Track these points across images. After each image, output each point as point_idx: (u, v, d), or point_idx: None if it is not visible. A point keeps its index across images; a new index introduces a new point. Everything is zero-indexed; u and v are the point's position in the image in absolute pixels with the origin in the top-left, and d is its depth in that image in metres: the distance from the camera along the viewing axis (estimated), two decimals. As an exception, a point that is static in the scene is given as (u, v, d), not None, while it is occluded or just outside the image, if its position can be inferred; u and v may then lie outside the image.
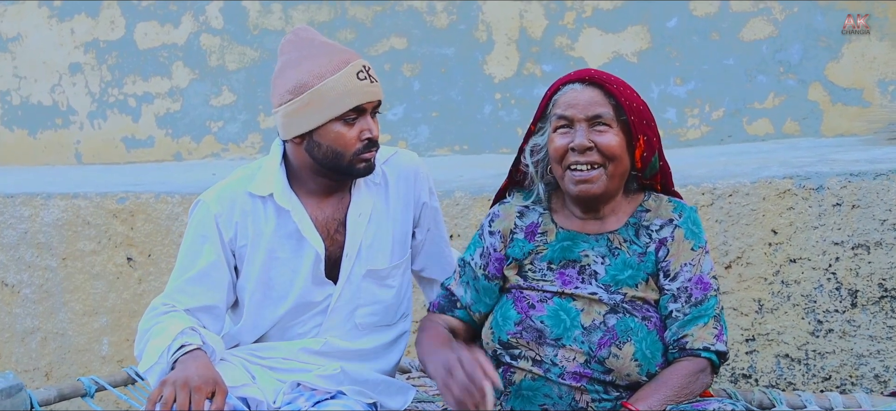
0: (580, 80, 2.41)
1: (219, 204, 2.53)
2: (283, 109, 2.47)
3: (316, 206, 2.58)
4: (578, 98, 2.38)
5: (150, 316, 2.49)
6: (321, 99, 2.42)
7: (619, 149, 2.38)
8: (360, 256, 2.60)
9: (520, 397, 2.38)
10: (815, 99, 4.46)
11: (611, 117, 2.37)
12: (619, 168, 2.40)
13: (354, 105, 2.44)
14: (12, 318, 4.51)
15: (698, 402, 2.24)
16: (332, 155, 2.48)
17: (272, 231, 2.54)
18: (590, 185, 2.38)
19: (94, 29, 5.75)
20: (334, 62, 2.43)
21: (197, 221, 2.55)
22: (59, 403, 4.24)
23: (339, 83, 2.41)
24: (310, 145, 2.49)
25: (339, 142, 2.46)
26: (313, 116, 2.44)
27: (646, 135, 2.41)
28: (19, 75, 5.97)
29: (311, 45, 2.50)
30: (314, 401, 2.52)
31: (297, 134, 2.48)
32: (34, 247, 4.43)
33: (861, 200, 3.29)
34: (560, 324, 2.36)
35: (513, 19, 4.92)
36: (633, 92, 2.43)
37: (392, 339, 2.72)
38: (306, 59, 2.45)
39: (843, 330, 3.35)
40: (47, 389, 2.86)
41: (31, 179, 5.05)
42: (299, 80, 2.43)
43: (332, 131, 2.45)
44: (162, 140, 5.68)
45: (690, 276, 2.38)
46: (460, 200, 3.77)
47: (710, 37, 4.61)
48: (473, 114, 5.05)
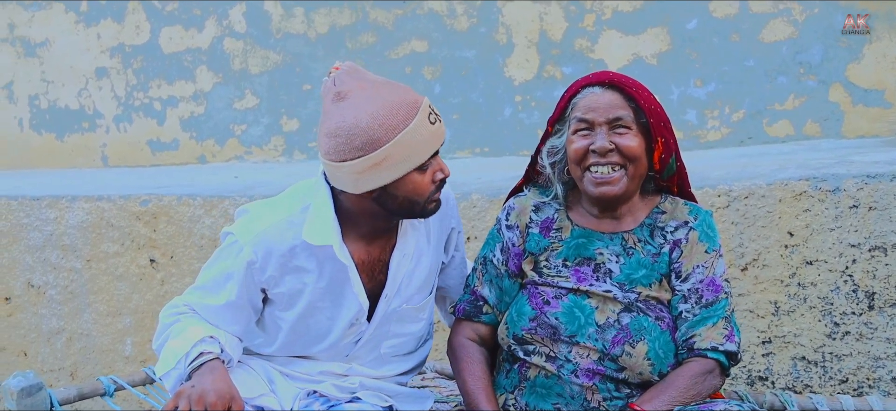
0: (599, 83, 2.43)
1: (254, 252, 2.39)
2: (349, 166, 2.26)
3: (363, 250, 2.47)
4: (599, 101, 2.41)
5: (171, 311, 2.44)
6: (398, 153, 2.25)
7: (639, 151, 2.40)
8: (398, 294, 2.54)
9: (534, 393, 2.40)
10: (835, 100, 4.44)
11: (631, 119, 2.39)
12: (639, 169, 2.42)
13: (432, 152, 2.33)
14: (38, 319, 4.58)
15: (705, 403, 2.25)
16: (409, 203, 2.36)
17: (315, 282, 2.44)
18: (610, 187, 2.40)
19: (119, 33, 5.83)
20: (404, 110, 2.26)
21: (228, 258, 2.42)
22: (83, 403, 4.32)
23: (415, 134, 2.26)
24: (382, 197, 2.34)
25: (417, 190, 2.34)
26: (390, 172, 2.28)
27: (664, 137, 2.43)
28: (47, 79, 6.06)
29: (367, 88, 2.30)
30: (329, 405, 2.54)
31: (369, 189, 2.32)
32: (59, 249, 4.50)
33: (878, 202, 3.27)
34: (574, 321, 2.37)
35: (533, 22, 4.93)
36: (650, 95, 2.45)
37: (413, 366, 2.71)
38: (368, 107, 2.25)
39: (859, 333, 3.33)
40: (67, 388, 2.92)
41: (57, 182, 5.13)
42: (369, 136, 2.23)
43: (410, 181, 2.32)
44: (186, 143, 5.74)
45: (702, 278, 2.39)
46: (477, 202, 3.79)
47: (730, 38, 4.59)
48: (494, 117, 5.06)
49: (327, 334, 2.50)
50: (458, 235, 2.72)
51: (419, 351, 2.72)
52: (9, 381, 2.76)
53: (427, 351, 2.76)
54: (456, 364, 2.53)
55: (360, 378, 2.60)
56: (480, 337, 2.56)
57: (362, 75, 2.34)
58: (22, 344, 4.63)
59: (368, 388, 2.61)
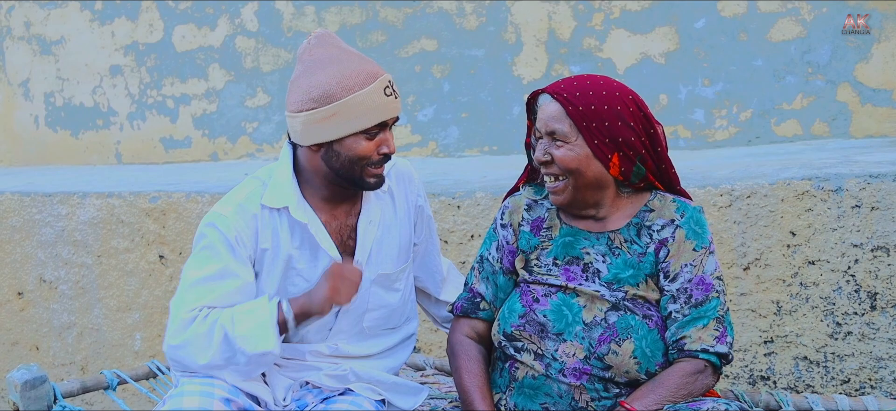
0: (550, 92, 2.44)
1: (236, 224, 2.49)
2: (304, 116, 2.44)
3: (328, 213, 2.58)
4: (544, 111, 2.43)
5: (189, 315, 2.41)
6: (348, 111, 2.41)
7: (575, 163, 2.38)
8: (371, 262, 2.62)
9: (522, 394, 2.41)
10: (843, 100, 4.43)
11: (566, 133, 2.38)
12: (585, 179, 2.40)
13: (379, 121, 2.45)
14: (50, 313, 4.64)
15: (693, 402, 2.25)
16: (349, 165, 2.47)
17: (289, 241, 2.54)
18: (557, 196, 2.45)
19: (133, 32, 5.88)
20: (362, 75, 2.43)
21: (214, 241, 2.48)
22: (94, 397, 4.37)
23: (367, 98, 2.41)
24: (328, 154, 2.48)
25: (358, 154, 2.45)
26: (337, 127, 2.43)
27: (620, 151, 2.39)
28: (62, 77, 6.12)
29: (337, 52, 2.48)
30: (322, 398, 2.57)
31: (317, 142, 2.47)
32: (71, 245, 4.56)
33: (881, 202, 3.26)
34: (562, 319, 2.39)
35: (541, 21, 4.95)
36: (600, 108, 2.38)
37: (398, 342, 2.76)
38: (332, 66, 2.44)
39: (862, 333, 3.32)
40: (70, 382, 2.96)
41: (69, 179, 5.19)
42: (326, 90, 2.41)
43: (353, 143, 2.45)
44: (199, 141, 5.79)
45: (691, 277, 2.39)
46: (481, 200, 3.81)
47: (739, 37, 4.59)
48: (503, 115, 5.08)
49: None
50: (428, 219, 2.81)
51: (403, 328, 2.77)
52: (13, 374, 2.80)
53: (412, 330, 2.81)
54: (453, 361, 2.55)
55: (351, 363, 2.64)
56: (478, 334, 2.58)
57: (334, 42, 2.52)
58: (34, 338, 4.69)
59: (362, 380, 2.63)
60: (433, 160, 5.15)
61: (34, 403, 2.79)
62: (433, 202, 3.85)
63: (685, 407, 2.23)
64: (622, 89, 2.44)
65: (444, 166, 4.75)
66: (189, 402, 2.34)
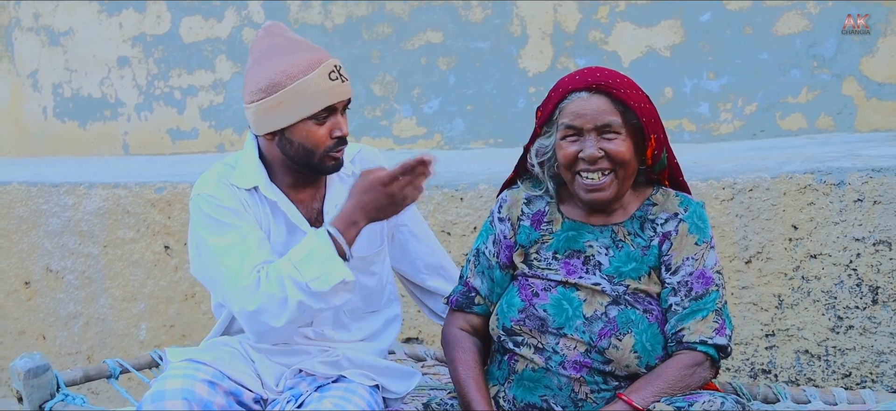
0: (586, 87, 2.39)
1: (223, 192, 2.57)
2: (255, 106, 2.51)
3: (295, 197, 2.65)
4: (586, 107, 2.38)
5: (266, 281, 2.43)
6: (294, 98, 2.47)
7: (628, 155, 2.39)
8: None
9: (521, 386, 2.42)
10: (849, 93, 4.41)
11: (619, 124, 2.37)
12: (629, 170, 2.42)
13: (326, 105, 2.51)
14: (56, 303, 4.67)
15: (689, 395, 2.26)
16: (303, 152, 2.54)
17: (267, 216, 2.62)
18: (601, 193, 2.41)
19: (141, 23, 5.90)
20: (306, 62, 2.49)
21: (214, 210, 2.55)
22: (100, 386, 4.39)
23: (311, 83, 2.47)
24: (281, 142, 2.55)
25: (311, 139, 2.53)
26: (285, 115, 2.49)
27: (656, 133, 2.42)
28: (70, 68, 6.15)
29: (283, 42, 2.54)
30: (317, 386, 2.59)
31: (269, 131, 2.54)
32: (77, 235, 4.58)
33: (883, 196, 3.26)
34: (562, 313, 2.39)
35: (547, 14, 4.94)
36: (639, 92, 2.43)
37: (381, 325, 2.80)
38: (278, 56, 2.50)
39: (863, 327, 3.32)
40: (73, 370, 2.98)
41: (76, 169, 5.22)
42: (272, 79, 2.47)
43: (304, 129, 2.51)
44: (205, 132, 5.81)
45: (692, 271, 2.40)
46: (484, 192, 3.82)
47: (744, 31, 4.58)
48: (508, 108, 5.08)
49: None
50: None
51: (385, 311, 2.81)
52: (16, 362, 2.82)
53: (394, 312, 2.85)
54: (448, 353, 2.57)
55: (341, 347, 2.67)
56: (473, 327, 2.60)
57: (282, 32, 2.58)
58: (40, 327, 4.72)
59: (355, 366, 2.67)
60: (438, 152, 5.15)
61: (37, 391, 2.81)
62: (436, 194, 3.86)
63: (682, 400, 2.23)
64: None
65: (449, 158, 4.76)
66: (172, 384, 2.37)
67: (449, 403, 2.49)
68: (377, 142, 5.30)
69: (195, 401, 2.34)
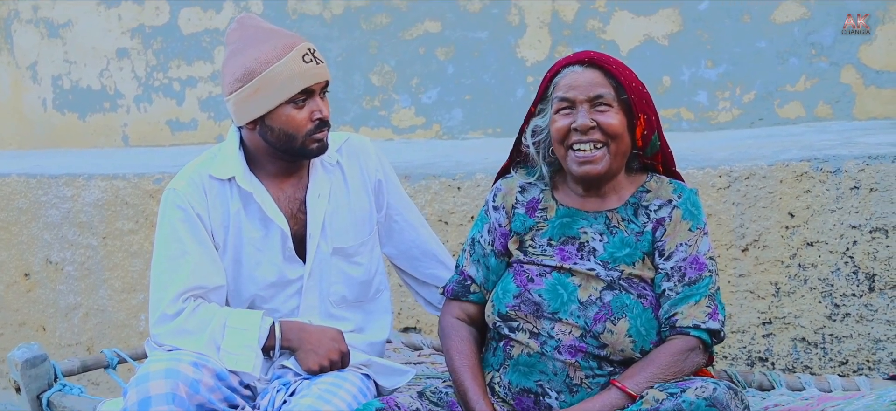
0: (580, 62, 2.46)
1: (190, 192, 2.61)
2: (234, 97, 2.54)
3: (277, 188, 2.66)
4: (579, 79, 2.43)
5: (186, 318, 2.54)
6: (269, 84, 2.49)
7: (620, 128, 2.42)
8: (325, 235, 2.68)
9: (517, 371, 2.43)
10: (847, 82, 4.41)
11: (611, 97, 2.41)
12: (621, 146, 2.44)
13: (302, 88, 2.53)
14: (56, 294, 4.68)
15: (682, 381, 2.27)
16: (285, 137, 2.56)
17: (238, 211, 2.63)
18: (593, 166, 2.42)
19: (140, 15, 5.91)
20: (279, 47, 2.51)
21: (173, 212, 2.61)
22: (99, 376, 4.40)
23: (285, 68, 2.49)
24: (263, 130, 2.57)
25: (291, 124, 2.55)
26: (263, 102, 2.52)
27: (645, 113, 2.45)
28: (70, 60, 6.16)
29: (255, 31, 2.57)
30: (305, 376, 2.59)
31: (249, 119, 2.56)
32: (76, 226, 4.59)
33: (879, 183, 3.26)
34: (557, 298, 2.41)
35: (545, 3, 4.94)
36: (631, 72, 2.48)
37: (370, 316, 2.81)
38: (251, 46, 2.52)
39: (860, 315, 3.33)
40: (70, 360, 2.99)
41: (75, 161, 5.22)
42: (246, 68, 2.50)
43: (283, 115, 2.53)
44: (205, 123, 5.81)
45: (686, 256, 2.41)
46: (481, 182, 3.82)
47: (742, 19, 4.57)
48: (506, 98, 5.08)
49: (263, 265, 2.65)
50: (392, 192, 2.85)
51: (374, 302, 2.83)
52: (14, 353, 2.83)
53: (384, 304, 2.87)
54: (444, 342, 2.58)
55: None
56: (469, 316, 2.61)
57: (254, 22, 2.61)
58: (40, 319, 4.73)
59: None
60: (437, 142, 5.16)
61: (34, 381, 2.83)
62: (433, 183, 3.86)
63: (674, 385, 2.24)
64: None
65: (447, 148, 4.76)
66: (156, 367, 2.40)
67: (444, 391, 2.49)
68: (376, 133, 5.30)
69: (181, 379, 2.37)
